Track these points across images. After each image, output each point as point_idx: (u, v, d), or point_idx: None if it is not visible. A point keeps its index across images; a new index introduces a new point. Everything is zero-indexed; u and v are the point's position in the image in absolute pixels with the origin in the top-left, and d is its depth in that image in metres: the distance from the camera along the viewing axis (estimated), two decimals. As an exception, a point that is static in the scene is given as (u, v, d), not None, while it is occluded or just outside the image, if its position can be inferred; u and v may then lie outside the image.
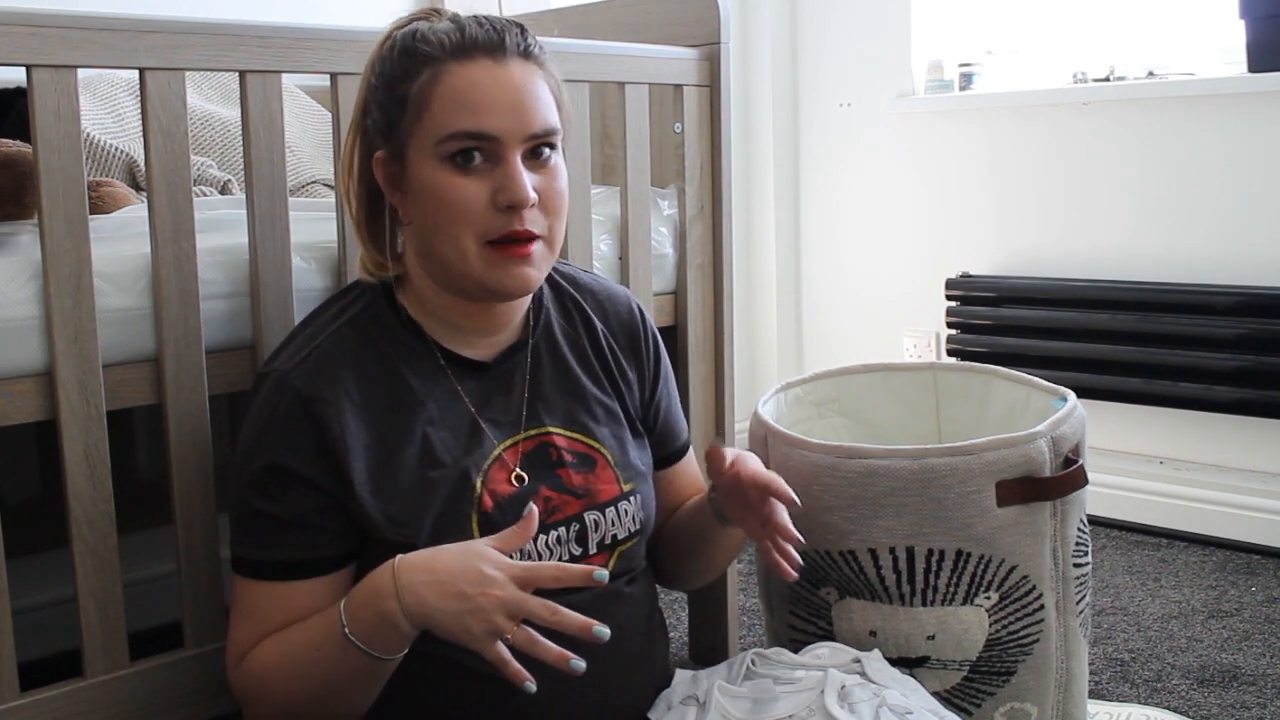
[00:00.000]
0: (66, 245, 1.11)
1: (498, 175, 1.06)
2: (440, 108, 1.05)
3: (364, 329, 1.11)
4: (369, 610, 0.98)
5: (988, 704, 1.29)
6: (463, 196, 1.05)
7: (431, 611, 0.95)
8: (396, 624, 0.97)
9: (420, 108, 1.06)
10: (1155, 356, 2.45)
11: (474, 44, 1.06)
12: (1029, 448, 1.25)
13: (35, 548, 1.39)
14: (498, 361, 1.16)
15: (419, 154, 1.07)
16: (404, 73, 1.07)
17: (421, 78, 1.06)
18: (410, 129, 1.07)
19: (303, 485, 1.05)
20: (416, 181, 1.07)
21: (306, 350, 1.09)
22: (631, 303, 1.30)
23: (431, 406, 1.11)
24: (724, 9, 1.71)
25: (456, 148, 1.05)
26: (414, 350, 1.12)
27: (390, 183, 1.11)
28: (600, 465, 1.18)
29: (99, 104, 1.80)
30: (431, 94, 1.05)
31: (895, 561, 1.25)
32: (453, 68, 1.06)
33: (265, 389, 1.08)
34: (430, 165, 1.06)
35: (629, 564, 1.19)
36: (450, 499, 1.08)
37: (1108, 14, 2.76)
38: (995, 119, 2.74)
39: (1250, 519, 2.37)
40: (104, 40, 1.12)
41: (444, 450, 1.09)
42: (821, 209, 3.09)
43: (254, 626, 1.07)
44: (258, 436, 1.07)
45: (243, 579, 1.08)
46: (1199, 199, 2.46)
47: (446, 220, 1.06)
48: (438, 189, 1.06)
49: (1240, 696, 1.74)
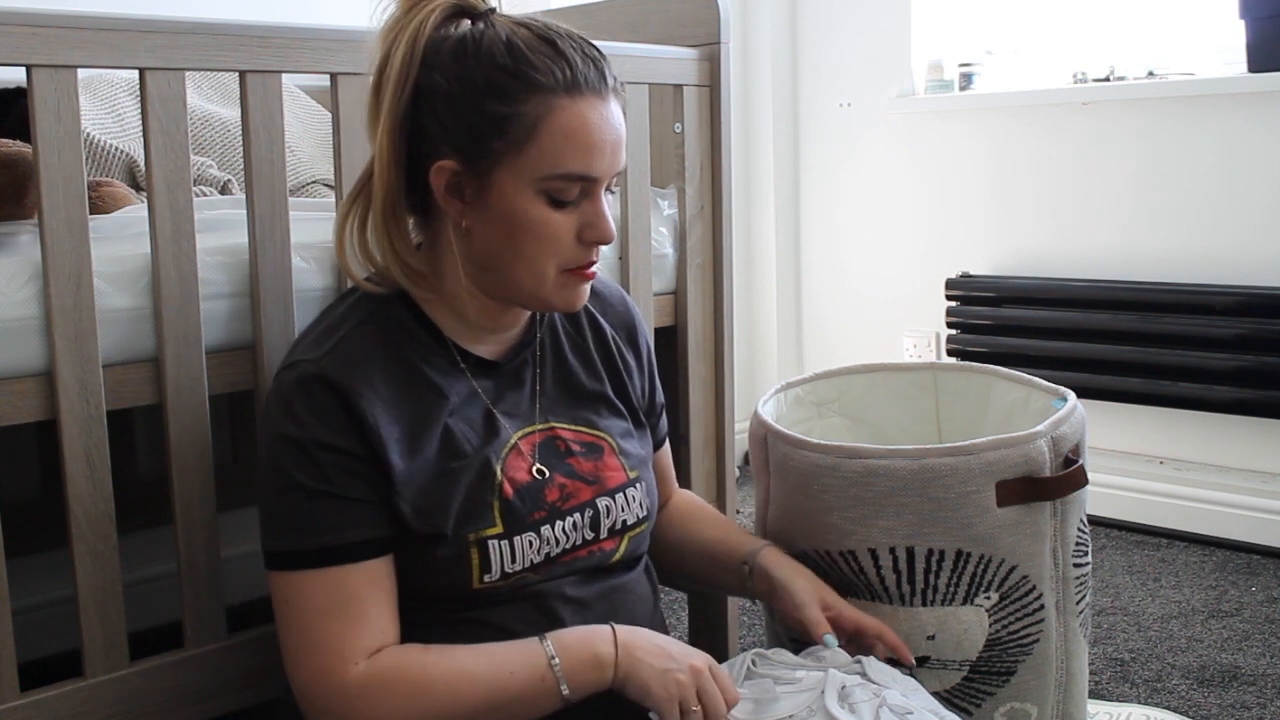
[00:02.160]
0: (66, 245, 1.11)
1: (585, 211, 1.08)
2: (551, 144, 1.04)
3: (382, 326, 1.11)
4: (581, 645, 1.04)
5: (988, 704, 1.29)
6: (555, 231, 1.07)
7: (639, 660, 1.04)
8: (604, 665, 1.04)
9: (525, 136, 1.04)
10: (1155, 356, 2.45)
11: (585, 81, 1.05)
12: (1029, 448, 1.25)
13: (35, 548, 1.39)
14: (508, 359, 1.18)
15: (513, 180, 1.05)
16: (502, 92, 1.04)
17: (528, 104, 1.03)
18: (506, 153, 1.04)
19: (356, 462, 1.04)
20: (501, 205, 1.06)
21: (331, 342, 1.08)
22: (625, 297, 1.33)
23: (453, 399, 1.11)
24: (724, 9, 1.71)
25: (561, 186, 1.06)
26: (430, 348, 1.12)
27: (452, 193, 1.08)
28: (606, 453, 1.20)
29: (99, 104, 1.80)
30: (542, 127, 1.04)
31: (895, 561, 1.25)
32: (565, 103, 1.04)
33: (292, 381, 1.06)
34: (526, 196, 1.05)
35: (637, 549, 1.21)
36: (473, 487, 1.09)
37: (1108, 14, 2.76)
38: (995, 119, 2.74)
39: (1250, 519, 2.38)
40: (104, 40, 1.12)
41: (465, 441, 1.10)
42: (821, 209, 3.09)
43: (355, 621, 1.02)
44: (300, 425, 1.04)
45: (303, 574, 1.03)
46: (1199, 199, 2.46)
47: (533, 249, 1.07)
48: (531, 221, 1.06)
49: (1240, 696, 1.74)
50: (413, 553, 1.07)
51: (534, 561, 1.11)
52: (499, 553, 1.08)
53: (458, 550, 1.07)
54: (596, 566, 1.17)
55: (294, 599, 1.04)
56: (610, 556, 1.18)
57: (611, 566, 1.18)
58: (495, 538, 1.08)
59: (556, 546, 1.13)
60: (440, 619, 1.09)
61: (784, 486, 1.33)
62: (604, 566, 1.17)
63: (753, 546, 1.27)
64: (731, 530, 1.35)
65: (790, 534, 1.32)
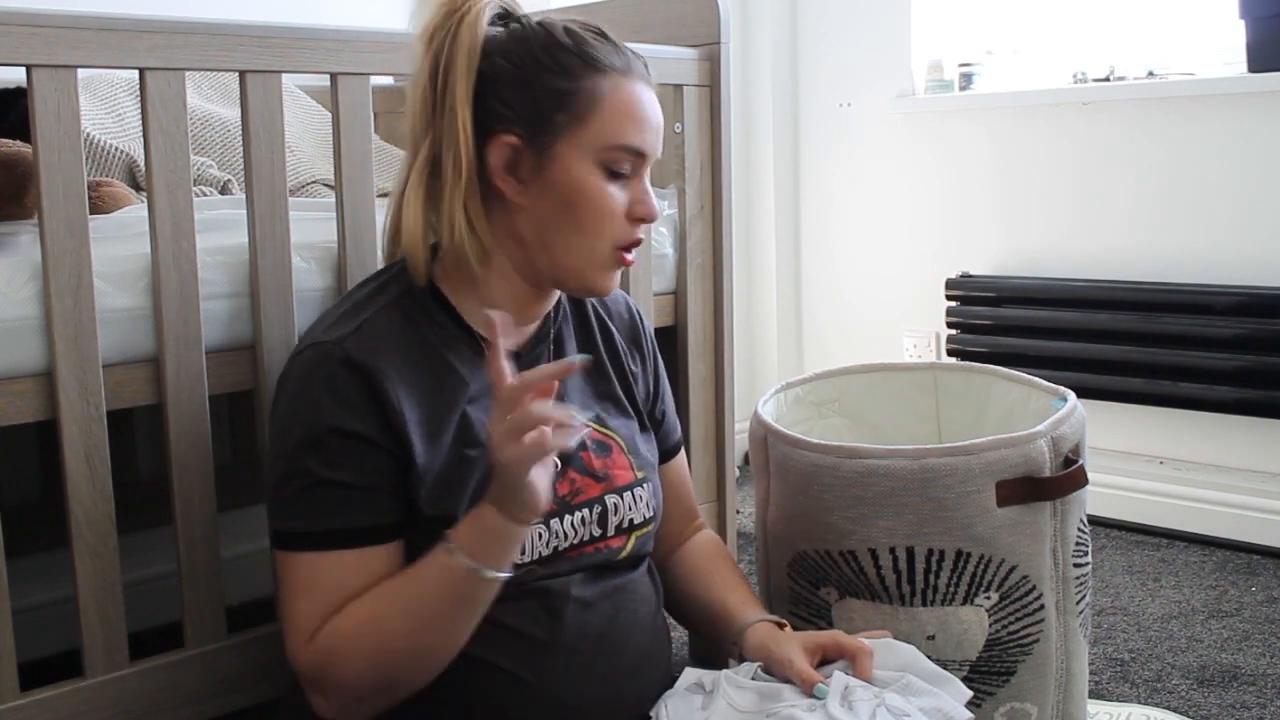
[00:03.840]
0: (66, 245, 1.11)
1: (634, 189, 1.13)
2: (612, 116, 1.09)
3: (407, 311, 1.12)
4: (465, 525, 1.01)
5: (988, 704, 1.29)
6: (612, 203, 1.11)
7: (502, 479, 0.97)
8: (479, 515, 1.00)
9: (588, 109, 1.09)
10: (1155, 356, 2.45)
11: (634, 68, 1.13)
12: (1029, 448, 1.25)
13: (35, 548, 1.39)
14: (527, 351, 1.18)
15: (575, 151, 1.09)
16: (564, 68, 1.09)
17: (589, 79, 1.09)
18: (568, 125, 1.09)
19: (368, 446, 1.04)
20: (563, 177, 1.09)
21: (355, 323, 1.08)
22: (628, 301, 1.33)
23: (474, 387, 1.12)
24: (724, 9, 1.71)
25: (619, 157, 1.10)
26: (454, 335, 1.13)
27: (511, 168, 1.11)
28: (616, 452, 1.20)
29: (99, 104, 1.80)
30: (603, 100, 1.09)
31: (895, 561, 1.25)
32: (621, 81, 1.11)
33: (310, 360, 1.06)
34: (585, 166, 1.09)
35: (642, 548, 1.22)
36: (487, 474, 1.08)
37: (1108, 14, 2.76)
38: (995, 119, 2.74)
39: (1250, 519, 2.37)
40: (104, 40, 1.12)
41: (481, 428, 1.10)
42: (821, 209, 3.09)
43: (323, 601, 1.04)
44: (312, 405, 1.04)
45: (298, 554, 1.05)
46: (1199, 199, 2.46)
47: (592, 220, 1.10)
48: (592, 191, 1.10)
49: (1240, 696, 1.74)
50: (423, 536, 1.06)
51: (541, 554, 1.11)
52: None
53: None
54: (603, 564, 1.17)
55: (286, 576, 1.06)
56: (617, 554, 1.18)
57: (617, 565, 1.18)
58: None
59: (565, 540, 1.13)
60: None
61: (784, 486, 1.33)
62: (610, 564, 1.18)
63: (744, 621, 1.23)
64: (733, 594, 1.29)
65: (790, 534, 1.32)
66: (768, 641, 1.18)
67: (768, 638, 1.18)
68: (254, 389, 1.27)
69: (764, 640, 1.18)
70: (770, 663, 1.16)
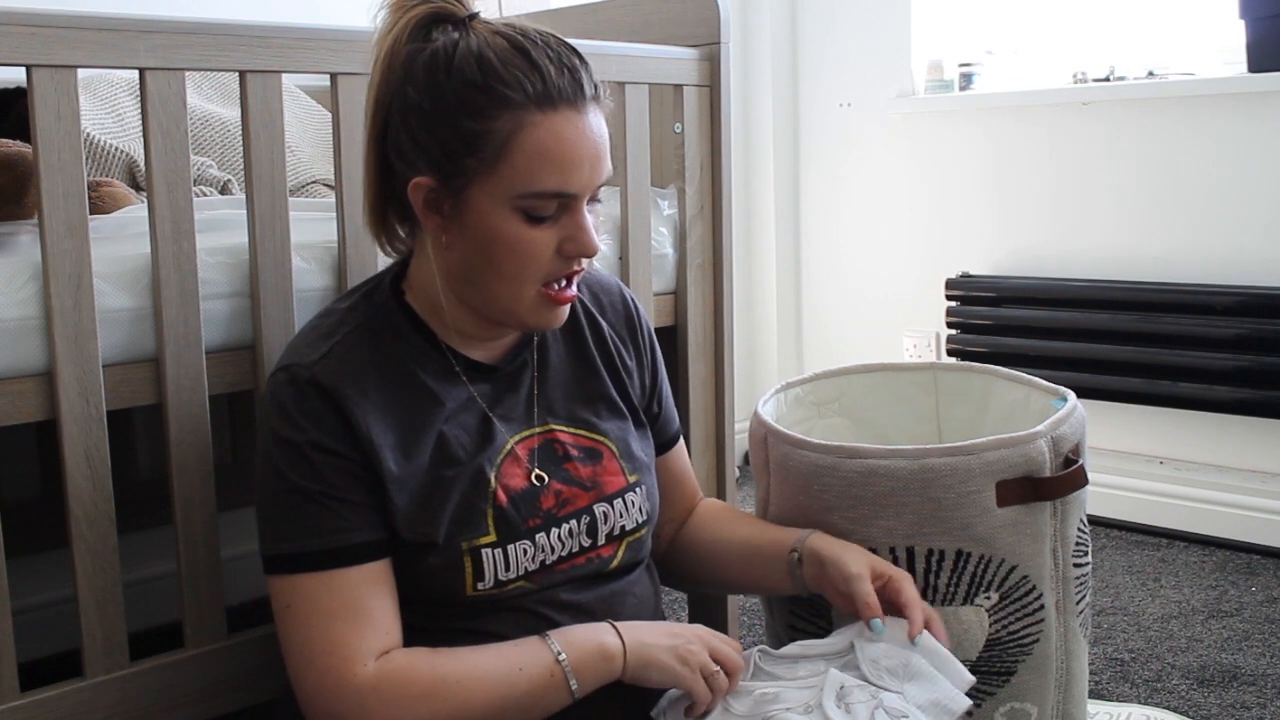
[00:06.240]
0: (66, 245, 1.11)
1: (566, 225, 1.06)
2: (524, 163, 1.02)
3: (378, 333, 1.11)
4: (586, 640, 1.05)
5: (988, 704, 1.29)
6: (532, 248, 1.05)
7: (649, 646, 1.06)
8: (611, 656, 1.05)
9: (498, 155, 1.02)
10: (1155, 356, 2.45)
11: (559, 94, 1.03)
12: (1029, 448, 1.25)
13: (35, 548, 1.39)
14: (505, 362, 1.17)
15: (488, 199, 1.03)
16: (472, 108, 1.02)
17: (499, 121, 1.01)
18: (479, 171, 1.03)
19: (351, 465, 1.04)
20: (478, 222, 1.05)
21: (326, 347, 1.07)
22: (623, 291, 1.31)
23: (449, 405, 1.11)
24: (724, 9, 1.71)
25: (536, 205, 1.04)
26: (426, 354, 1.12)
27: (431, 208, 1.07)
28: (606, 458, 1.19)
29: (99, 104, 1.80)
30: (513, 144, 1.02)
31: (895, 561, 1.25)
32: (537, 118, 1.02)
33: (284, 385, 1.06)
34: (501, 214, 1.04)
35: (636, 554, 1.21)
36: (466, 494, 1.08)
37: (1108, 14, 2.76)
38: (995, 119, 2.74)
39: (1250, 519, 2.37)
40: (104, 40, 1.12)
41: (459, 447, 1.10)
42: (821, 209, 3.09)
43: (360, 622, 1.01)
44: (296, 427, 1.04)
45: (305, 576, 1.02)
46: (1199, 199, 2.46)
47: (511, 267, 1.05)
48: (507, 239, 1.04)
49: (1240, 696, 1.74)
50: (405, 559, 1.06)
51: (529, 569, 1.10)
52: (493, 561, 1.08)
53: (450, 558, 1.06)
54: (594, 574, 1.16)
55: (295, 603, 1.03)
56: (608, 563, 1.17)
57: (609, 573, 1.18)
58: (489, 546, 1.08)
59: (552, 554, 1.12)
60: (434, 625, 1.08)
61: (784, 486, 1.33)
62: (602, 573, 1.17)
63: (801, 534, 1.23)
64: (771, 525, 1.30)
65: (790, 534, 1.32)
66: (834, 544, 1.18)
67: (830, 543, 1.18)
68: (254, 389, 1.27)
69: (829, 543, 1.18)
70: (834, 567, 1.15)
